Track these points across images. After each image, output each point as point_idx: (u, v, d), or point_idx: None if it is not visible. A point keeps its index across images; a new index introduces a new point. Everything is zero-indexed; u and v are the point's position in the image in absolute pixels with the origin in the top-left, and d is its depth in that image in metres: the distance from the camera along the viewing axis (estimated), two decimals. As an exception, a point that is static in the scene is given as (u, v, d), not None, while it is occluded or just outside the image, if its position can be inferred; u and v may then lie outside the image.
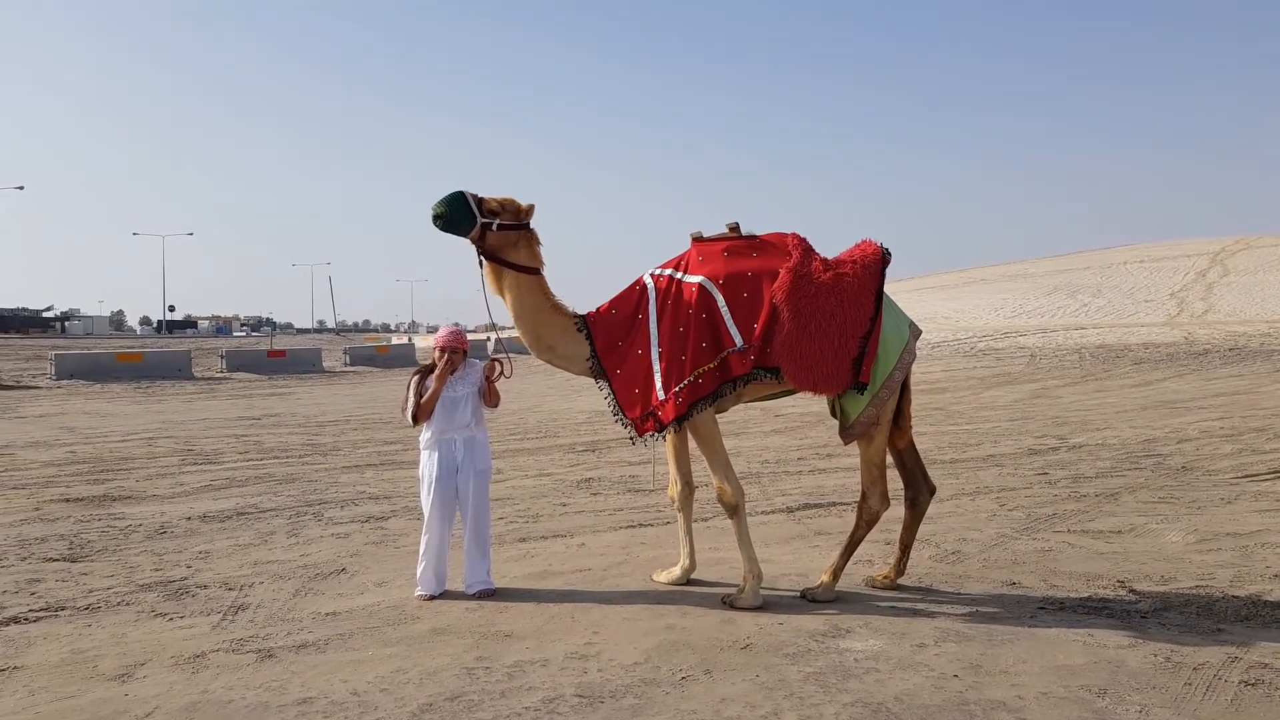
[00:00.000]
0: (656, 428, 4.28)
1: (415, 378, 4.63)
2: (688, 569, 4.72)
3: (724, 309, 4.25)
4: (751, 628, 3.99)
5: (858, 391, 4.26)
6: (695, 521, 5.22)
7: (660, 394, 4.25)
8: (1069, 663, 3.54)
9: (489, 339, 27.04)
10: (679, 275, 4.42)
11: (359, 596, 4.57)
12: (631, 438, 4.41)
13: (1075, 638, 3.81)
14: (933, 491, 4.70)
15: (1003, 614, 4.15)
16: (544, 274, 4.52)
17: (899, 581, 4.61)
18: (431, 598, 4.49)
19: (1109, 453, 8.89)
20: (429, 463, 4.59)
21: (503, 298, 4.47)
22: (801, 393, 4.37)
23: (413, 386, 4.59)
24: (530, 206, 4.45)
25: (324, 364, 27.41)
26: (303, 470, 8.60)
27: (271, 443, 10.64)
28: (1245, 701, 3.20)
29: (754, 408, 12.75)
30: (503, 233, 4.38)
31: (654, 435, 4.34)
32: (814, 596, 4.39)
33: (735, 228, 4.57)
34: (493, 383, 4.66)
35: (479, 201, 4.33)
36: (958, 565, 5.01)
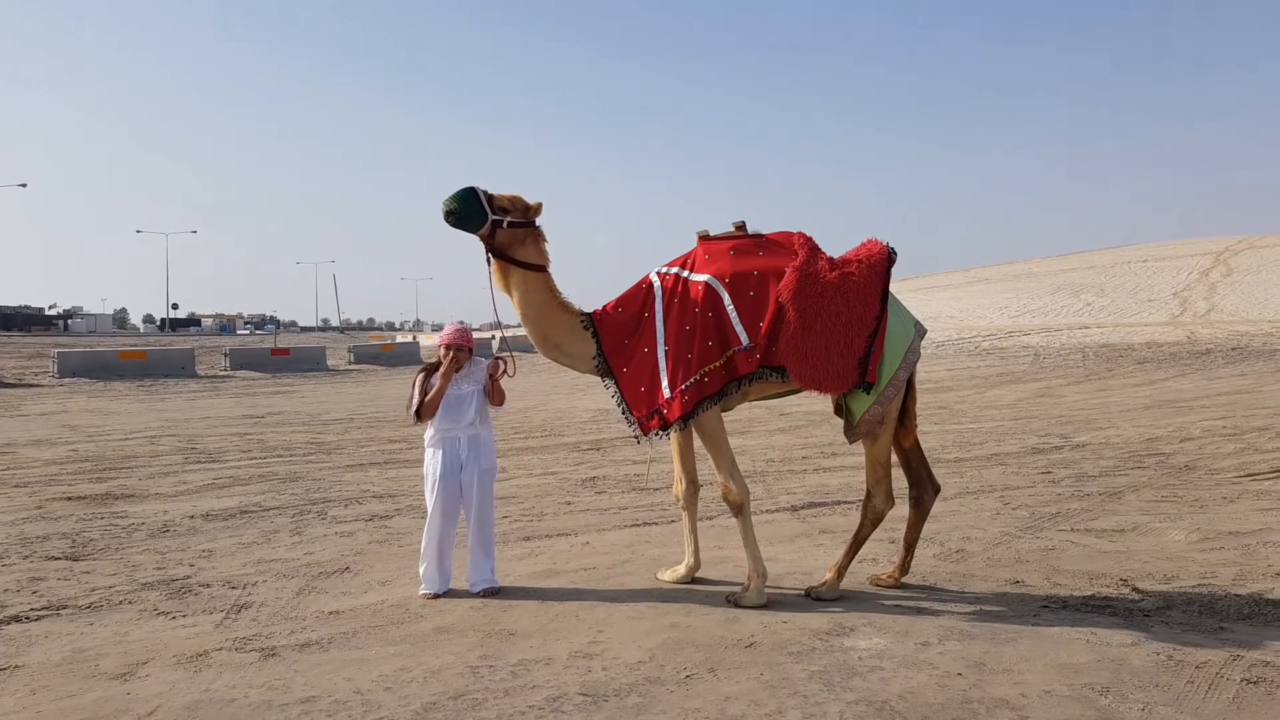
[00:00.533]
0: (662, 426, 4.28)
1: (421, 375, 4.64)
2: (692, 567, 4.72)
3: (730, 308, 4.24)
4: (756, 626, 3.99)
5: (863, 391, 4.26)
6: (700, 520, 5.22)
7: (666, 392, 4.25)
8: (1072, 661, 3.54)
9: (494, 337, 27.06)
10: (685, 274, 4.42)
11: (363, 595, 4.57)
12: (637, 436, 4.41)
13: (1078, 636, 3.81)
14: (937, 490, 4.69)
15: (1006, 612, 4.15)
16: (550, 272, 4.53)
17: (903, 580, 4.61)
18: (435, 596, 4.49)
19: (1112, 452, 8.87)
20: (433, 460, 4.59)
21: (510, 295, 4.47)
22: (807, 391, 4.36)
23: (418, 384, 4.60)
24: (538, 204, 4.45)
25: (328, 362, 27.44)
26: (306, 469, 8.61)
27: (275, 441, 10.65)
28: (1247, 699, 3.20)
29: (759, 406, 12.75)
30: (511, 230, 4.37)
31: (659, 433, 4.34)
32: (818, 595, 4.39)
33: (741, 226, 4.56)
34: (497, 381, 4.66)
35: (489, 198, 4.33)
36: (962, 564, 5.00)
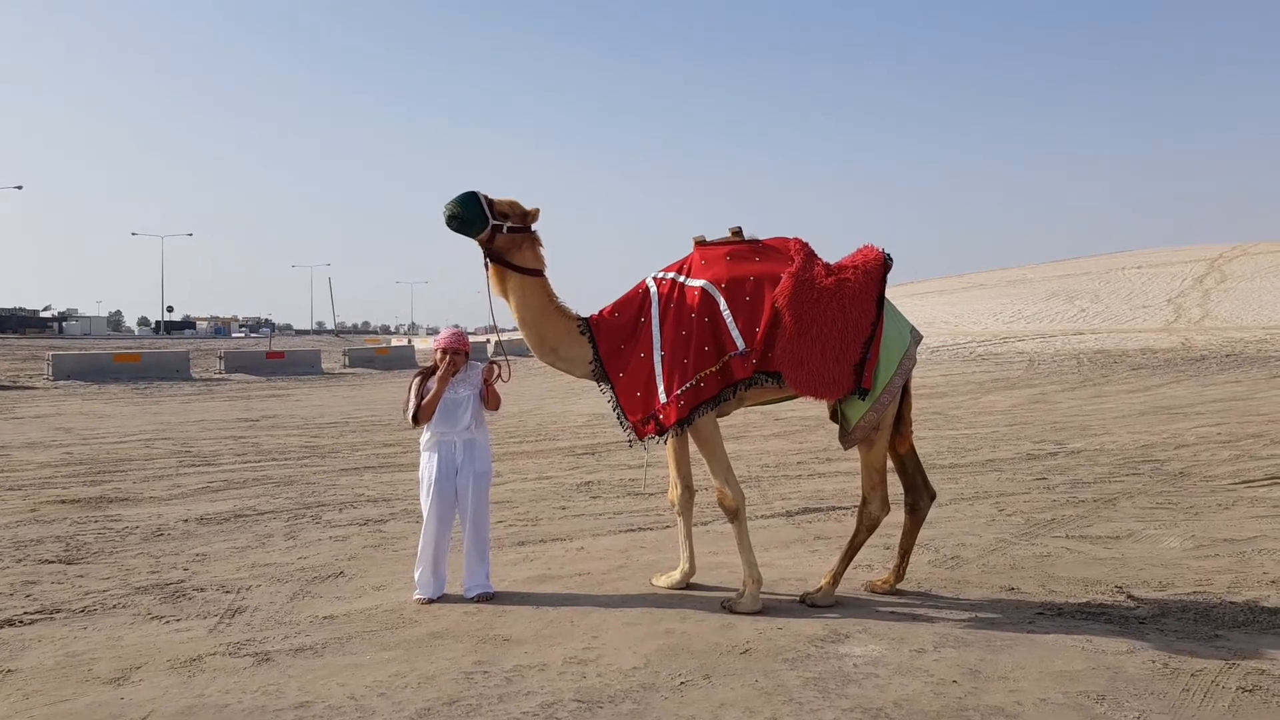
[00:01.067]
0: (658, 431, 4.28)
1: (417, 379, 4.64)
2: (687, 573, 4.72)
3: (726, 313, 4.25)
4: (751, 632, 3.99)
5: (859, 397, 4.26)
6: (695, 525, 5.21)
7: (662, 397, 4.25)
8: (1067, 668, 3.54)
9: (489, 341, 27.04)
10: (682, 279, 4.43)
11: (357, 600, 4.56)
12: (632, 441, 4.41)
13: (1073, 643, 3.81)
14: (933, 497, 4.70)
15: (1001, 619, 4.15)
16: (547, 276, 4.53)
17: (898, 586, 4.60)
18: (430, 601, 4.48)
19: (1107, 458, 8.89)
20: (428, 464, 4.59)
21: (507, 300, 4.47)
22: (802, 397, 4.37)
23: (414, 388, 4.60)
24: (535, 210, 4.46)
25: (323, 366, 27.39)
26: (301, 472, 8.58)
27: (270, 445, 10.62)
28: (1243, 707, 3.20)
29: (754, 412, 12.75)
30: (510, 235, 4.38)
31: (655, 438, 4.34)
32: (814, 601, 4.39)
33: (738, 232, 4.58)
34: (492, 385, 4.66)
35: (490, 203, 4.33)
36: (957, 570, 5.00)
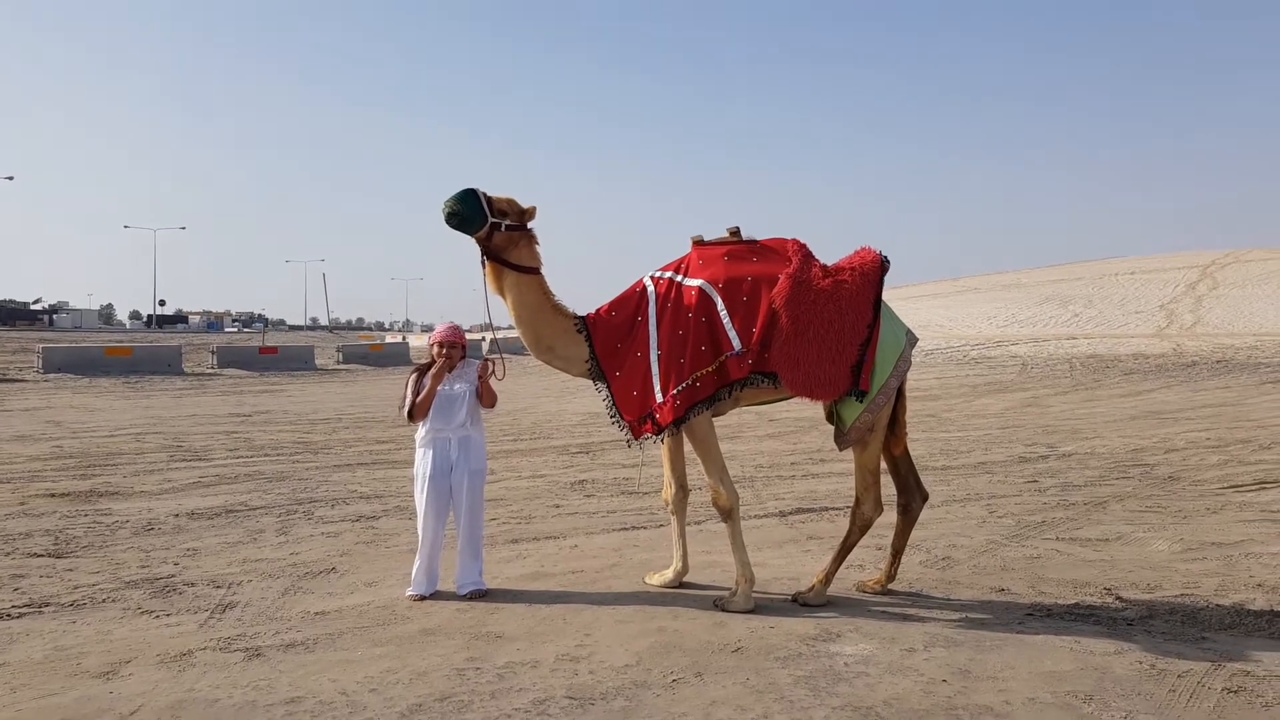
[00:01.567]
0: (654, 430, 4.29)
1: (414, 375, 4.64)
2: (680, 572, 4.73)
3: (723, 313, 4.26)
4: (743, 631, 4.00)
5: (855, 398, 4.28)
6: (689, 525, 5.22)
7: (658, 396, 4.25)
8: (1056, 669, 3.56)
9: (484, 339, 27.02)
10: (679, 278, 4.43)
11: (349, 596, 4.55)
12: (628, 440, 4.41)
13: (1062, 644, 3.83)
14: (925, 498, 4.72)
15: (991, 620, 4.17)
16: (544, 274, 4.53)
17: (890, 587, 4.62)
18: (422, 598, 4.47)
19: (1098, 461, 8.94)
20: (423, 461, 4.58)
21: (503, 298, 4.47)
22: (798, 398, 4.38)
23: (411, 383, 4.61)
24: (532, 208, 4.46)
25: (316, 361, 27.31)
26: (293, 468, 8.56)
27: (262, 440, 10.59)
28: (1228, 708, 3.22)
29: (748, 412, 12.77)
30: (508, 233, 4.38)
31: (651, 438, 4.34)
32: (805, 600, 4.41)
33: (736, 232, 4.58)
34: (486, 381, 4.65)
35: (489, 200, 4.33)
36: (948, 571, 5.03)
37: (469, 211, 4.27)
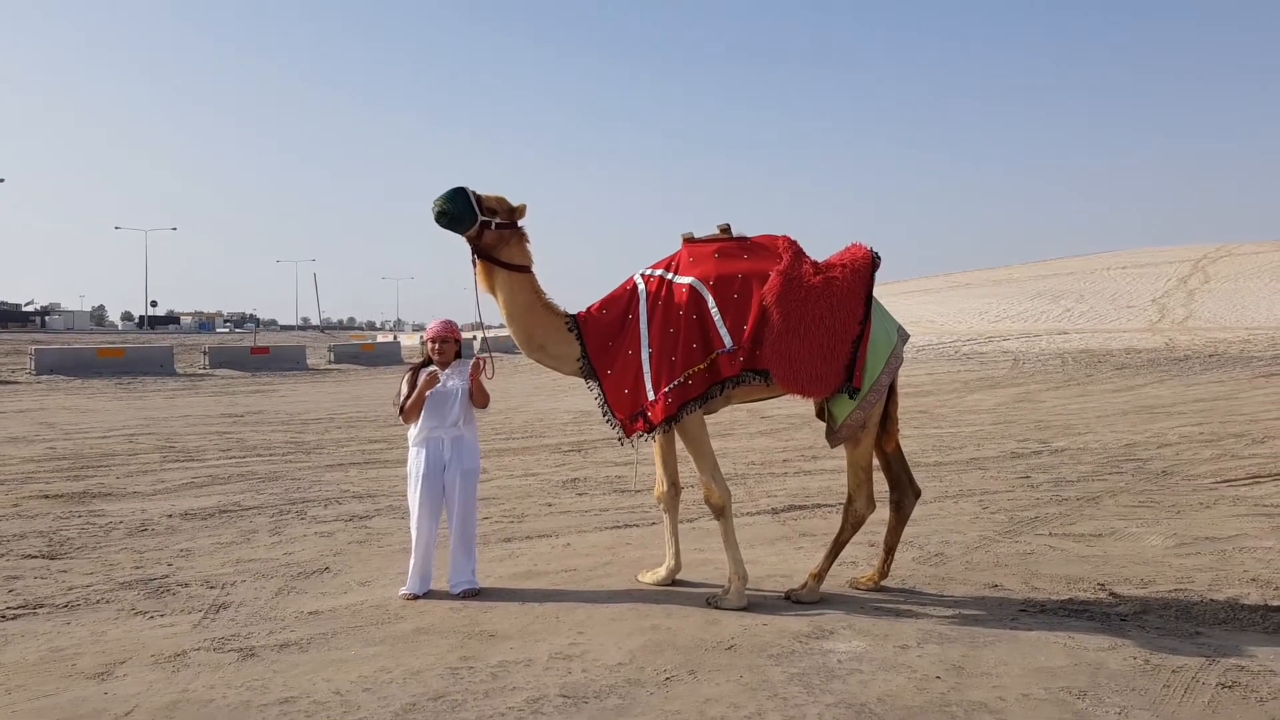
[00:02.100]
0: (646, 428, 4.28)
1: (409, 373, 4.65)
2: (673, 569, 4.73)
3: (714, 310, 4.26)
4: (736, 628, 4.00)
5: (847, 395, 4.28)
6: (681, 522, 5.23)
7: (650, 394, 4.25)
8: (1050, 665, 3.57)
9: (475, 338, 26.99)
10: (670, 276, 4.43)
11: (342, 595, 4.55)
12: (620, 438, 4.41)
13: (1056, 640, 3.85)
14: (918, 494, 4.73)
15: (985, 616, 4.19)
16: (535, 273, 4.53)
17: (882, 583, 4.63)
18: (415, 597, 4.47)
19: (1090, 457, 8.97)
20: (417, 459, 4.58)
21: (494, 296, 4.46)
22: (789, 395, 4.38)
23: (407, 380, 4.62)
24: (522, 206, 4.46)
25: (308, 361, 27.25)
26: (286, 468, 8.54)
27: (254, 440, 10.56)
28: (1222, 703, 3.24)
29: (740, 409, 12.79)
30: (498, 231, 4.37)
31: (643, 436, 4.34)
32: (798, 598, 4.41)
33: (726, 229, 4.58)
34: (477, 379, 4.65)
35: (479, 199, 4.32)
36: (940, 567, 5.04)
37: (458, 210, 4.26)
